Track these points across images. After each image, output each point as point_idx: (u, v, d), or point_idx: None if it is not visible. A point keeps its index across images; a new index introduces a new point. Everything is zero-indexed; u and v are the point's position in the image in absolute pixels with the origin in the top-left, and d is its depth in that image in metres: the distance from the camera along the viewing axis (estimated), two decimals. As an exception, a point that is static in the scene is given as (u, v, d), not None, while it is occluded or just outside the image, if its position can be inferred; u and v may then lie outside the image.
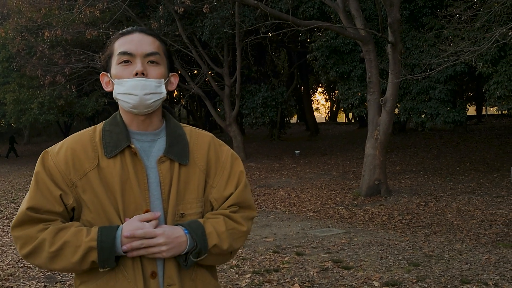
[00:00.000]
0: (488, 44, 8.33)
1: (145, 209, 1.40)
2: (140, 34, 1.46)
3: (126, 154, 1.42)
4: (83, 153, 1.43)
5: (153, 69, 1.44)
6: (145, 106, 1.42)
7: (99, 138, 1.45)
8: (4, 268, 5.52)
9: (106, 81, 1.50)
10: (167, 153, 1.45)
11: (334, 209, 9.21)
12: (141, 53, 1.43)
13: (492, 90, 11.05)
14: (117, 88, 1.43)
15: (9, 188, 13.27)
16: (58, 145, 1.47)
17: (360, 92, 14.63)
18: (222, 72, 17.20)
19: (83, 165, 1.41)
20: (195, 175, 1.50)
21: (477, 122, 24.85)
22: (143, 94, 1.40)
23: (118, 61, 1.43)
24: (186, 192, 1.47)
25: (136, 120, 1.47)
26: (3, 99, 19.66)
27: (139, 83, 1.40)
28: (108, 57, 1.48)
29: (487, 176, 11.54)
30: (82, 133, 1.49)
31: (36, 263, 1.39)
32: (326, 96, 41.42)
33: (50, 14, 14.78)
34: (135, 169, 1.41)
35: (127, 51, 1.42)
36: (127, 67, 1.42)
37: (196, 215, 1.47)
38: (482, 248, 6.14)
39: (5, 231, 7.81)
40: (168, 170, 1.45)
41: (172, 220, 1.43)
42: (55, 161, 1.42)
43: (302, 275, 4.99)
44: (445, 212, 8.45)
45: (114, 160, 1.41)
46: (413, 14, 13.88)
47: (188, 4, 12.98)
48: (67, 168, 1.41)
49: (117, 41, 1.47)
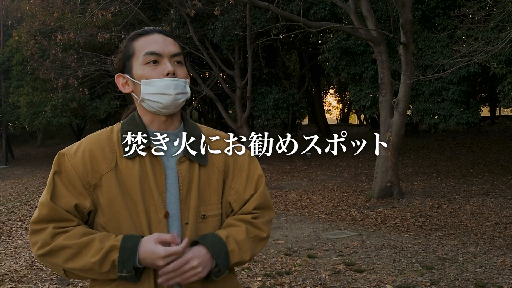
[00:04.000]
0: (502, 44, 8.22)
1: (165, 211, 1.39)
2: (160, 35, 1.46)
3: (145, 155, 1.41)
4: (100, 154, 1.41)
5: (180, 69, 1.45)
6: (176, 105, 1.43)
7: (117, 139, 1.44)
8: (17, 269, 5.56)
9: (122, 82, 1.49)
10: (186, 154, 1.45)
11: (346, 211, 9.15)
12: (168, 54, 1.43)
13: (506, 91, 10.90)
14: (146, 89, 1.41)
15: (22, 190, 13.40)
16: (75, 146, 1.45)
17: (372, 94, 14.53)
18: (234, 74, 17.20)
19: (101, 167, 1.40)
20: (214, 176, 1.49)
21: (491, 123, 24.55)
22: (175, 94, 1.40)
23: (145, 61, 1.42)
24: (207, 194, 1.47)
25: (157, 120, 1.46)
26: (17, 102, 19.88)
27: (172, 82, 1.40)
28: (126, 58, 1.46)
29: (501, 178, 11.39)
30: (99, 134, 1.47)
31: (52, 262, 1.34)
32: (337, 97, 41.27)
33: (63, 18, 14.90)
34: (153, 170, 1.40)
35: (155, 51, 1.42)
36: (155, 67, 1.41)
37: (216, 217, 1.48)
38: (497, 251, 6.05)
39: (18, 232, 7.88)
40: (187, 171, 1.44)
41: (194, 222, 1.42)
42: (72, 162, 1.41)
43: (314, 278, 4.95)
44: (458, 215, 8.35)
45: (133, 161, 1.40)
46: (426, 14, 13.76)
47: (199, 7, 13.01)
48: (85, 169, 1.40)
49: (136, 41, 1.45)
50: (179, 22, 16.20)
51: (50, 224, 1.35)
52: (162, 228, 1.38)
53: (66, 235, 1.33)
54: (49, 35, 16.07)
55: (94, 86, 18.52)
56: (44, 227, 1.35)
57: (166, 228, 1.39)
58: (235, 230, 1.45)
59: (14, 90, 20.40)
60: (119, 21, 15.58)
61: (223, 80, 17.78)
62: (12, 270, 5.52)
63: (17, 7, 18.99)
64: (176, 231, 1.40)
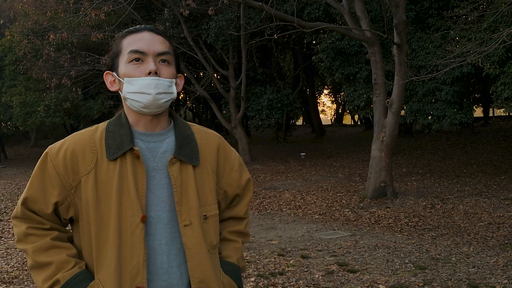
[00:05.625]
0: (495, 45, 8.25)
1: (142, 214, 1.36)
2: (150, 33, 1.43)
3: (127, 156, 1.38)
4: (81, 155, 1.38)
5: (165, 69, 1.41)
6: (156, 106, 1.39)
7: (101, 139, 1.41)
8: (9, 270, 5.52)
9: (110, 80, 1.46)
10: (177, 154, 1.42)
11: (340, 212, 9.16)
12: (153, 52, 1.39)
13: (500, 91, 10.94)
14: (127, 87, 1.39)
15: (15, 191, 13.31)
16: (58, 144, 1.43)
17: (365, 94, 14.56)
18: (228, 74, 17.19)
19: (80, 168, 1.37)
20: (209, 175, 1.48)
21: (484, 123, 24.67)
22: (156, 93, 1.36)
23: (129, 59, 1.39)
24: (204, 194, 1.46)
25: (143, 120, 1.43)
26: (9, 102, 19.76)
27: (153, 82, 1.36)
28: (115, 55, 1.44)
29: (494, 178, 11.44)
30: (82, 133, 1.44)
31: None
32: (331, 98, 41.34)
33: (56, 17, 14.83)
34: (134, 173, 1.37)
35: (139, 49, 1.39)
36: (138, 66, 1.38)
37: (215, 217, 1.49)
38: (489, 251, 6.06)
39: (10, 233, 7.83)
40: (179, 172, 1.41)
41: (198, 223, 1.41)
42: (54, 162, 1.39)
43: (307, 278, 4.95)
44: (452, 215, 8.37)
45: (115, 163, 1.37)
46: (419, 15, 13.80)
47: (193, 7, 12.98)
48: (66, 171, 1.37)
49: (125, 39, 1.43)
50: (173, 22, 16.17)
51: (24, 224, 1.41)
52: (138, 232, 1.34)
53: (35, 244, 1.37)
54: (42, 35, 15.97)
55: (88, 86, 18.45)
56: (19, 225, 1.42)
57: (143, 232, 1.35)
58: (235, 247, 1.58)
59: (7, 90, 20.28)
60: (113, 21, 15.53)
61: (217, 80, 17.76)
62: (4, 271, 5.48)
63: (10, 6, 18.87)
64: (160, 235, 1.39)
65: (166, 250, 1.39)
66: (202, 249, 1.41)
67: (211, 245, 1.46)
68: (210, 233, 1.45)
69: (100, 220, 1.35)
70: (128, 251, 1.34)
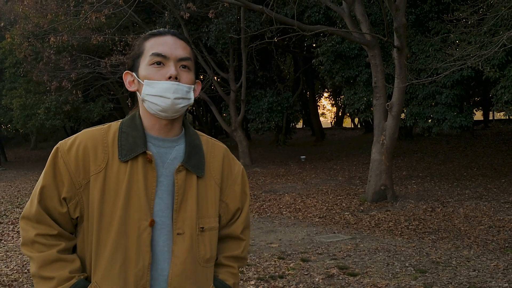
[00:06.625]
0: (495, 48, 8.26)
1: (150, 219, 1.36)
2: (173, 37, 1.44)
3: (139, 160, 1.38)
4: (92, 153, 1.38)
5: (185, 74, 1.42)
6: (174, 110, 1.39)
7: (113, 139, 1.40)
8: (8, 273, 5.50)
9: (129, 80, 1.47)
10: (185, 163, 1.42)
11: (340, 215, 9.15)
12: (175, 57, 1.40)
13: (500, 94, 10.94)
14: (147, 89, 1.39)
15: (15, 193, 13.30)
16: (70, 140, 1.42)
17: (366, 97, 14.56)
18: (228, 77, 17.19)
19: (90, 167, 1.37)
20: (212, 188, 1.48)
21: (484, 127, 24.66)
22: (174, 98, 1.37)
23: (150, 62, 1.40)
24: (205, 206, 1.45)
25: (158, 124, 1.43)
26: (10, 105, 19.77)
27: (172, 86, 1.37)
28: (136, 56, 1.45)
29: (494, 182, 11.43)
30: (95, 130, 1.43)
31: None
32: (332, 101, 41.33)
33: (57, 20, 14.84)
34: (145, 177, 1.37)
35: (161, 53, 1.39)
36: (159, 69, 1.39)
37: (214, 230, 1.48)
38: (490, 254, 6.06)
39: (10, 236, 7.81)
40: (183, 181, 1.41)
41: (190, 233, 1.40)
42: (65, 159, 1.38)
43: (307, 281, 4.94)
44: (452, 218, 8.36)
45: (126, 165, 1.37)
46: (419, 18, 13.82)
47: (194, 10, 13.00)
48: (77, 168, 1.37)
49: (148, 41, 1.43)
50: (173, 25, 16.18)
51: (32, 230, 1.38)
52: (145, 236, 1.35)
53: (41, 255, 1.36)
54: (43, 37, 15.99)
55: (88, 89, 18.45)
56: (27, 229, 1.39)
57: (149, 237, 1.36)
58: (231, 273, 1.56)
59: (7, 92, 20.29)
60: (113, 24, 15.54)
61: (217, 83, 17.78)
62: (3, 274, 5.47)
63: (11, 9, 18.89)
64: (163, 241, 1.39)
65: (167, 257, 1.39)
66: (188, 260, 1.39)
67: (204, 258, 1.45)
68: (204, 245, 1.44)
69: (102, 221, 1.35)
70: (134, 254, 1.34)
